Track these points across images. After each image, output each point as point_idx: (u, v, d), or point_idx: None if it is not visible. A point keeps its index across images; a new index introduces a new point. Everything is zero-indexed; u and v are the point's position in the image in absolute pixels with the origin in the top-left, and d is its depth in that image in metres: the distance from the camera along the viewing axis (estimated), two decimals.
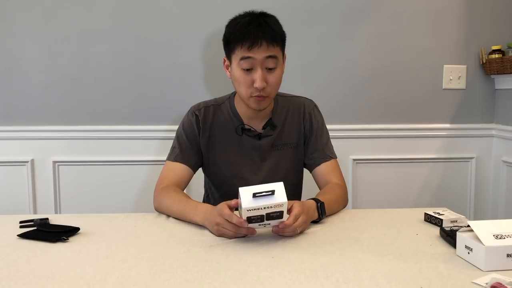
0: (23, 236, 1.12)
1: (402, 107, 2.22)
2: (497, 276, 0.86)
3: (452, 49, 2.21)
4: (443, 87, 2.23)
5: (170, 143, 1.50)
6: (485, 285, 0.84)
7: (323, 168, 1.46)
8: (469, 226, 0.97)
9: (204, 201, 1.60)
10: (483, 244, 0.90)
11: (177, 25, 2.11)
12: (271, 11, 1.37)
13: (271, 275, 0.90)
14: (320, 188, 1.45)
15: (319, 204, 1.22)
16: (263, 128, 1.44)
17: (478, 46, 2.20)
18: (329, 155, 1.48)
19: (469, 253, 0.95)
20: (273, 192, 1.04)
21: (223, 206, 1.11)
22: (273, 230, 1.13)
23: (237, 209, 1.11)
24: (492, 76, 2.21)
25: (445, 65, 2.21)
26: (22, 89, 2.11)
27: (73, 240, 1.11)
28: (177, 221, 1.26)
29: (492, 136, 2.26)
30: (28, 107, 2.12)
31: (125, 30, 2.10)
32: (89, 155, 2.15)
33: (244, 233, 1.10)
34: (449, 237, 1.06)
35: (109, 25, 2.10)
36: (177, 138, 1.47)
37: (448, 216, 1.20)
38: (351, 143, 2.20)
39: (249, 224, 1.07)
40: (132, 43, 2.11)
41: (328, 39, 2.16)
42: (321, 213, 1.22)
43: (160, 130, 2.14)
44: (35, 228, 1.17)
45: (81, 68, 2.11)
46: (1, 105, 2.12)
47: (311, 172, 1.50)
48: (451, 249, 1.03)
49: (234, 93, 1.47)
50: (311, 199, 1.25)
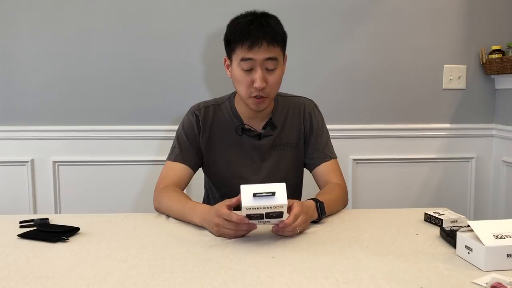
0: (23, 236, 1.12)
1: (402, 107, 2.22)
2: (497, 276, 0.86)
3: (452, 49, 2.21)
4: (443, 87, 2.23)
5: (170, 143, 1.50)
6: (485, 285, 0.84)
7: (323, 168, 1.46)
8: (469, 226, 0.97)
9: (204, 201, 1.60)
10: (483, 244, 0.90)
11: (177, 25, 2.11)
12: (271, 11, 1.37)
13: (271, 275, 0.90)
14: (320, 188, 1.45)
15: (318, 204, 1.22)
16: (263, 128, 1.44)
17: (478, 46, 2.20)
18: (329, 155, 1.48)
19: (469, 253, 0.95)
20: (274, 193, 1.04)
21: (220, 206, 1.11)
22: (272, 230, 1.13)
23: (238, 207, 1.11)
24: (492, 76, 2.21)
25: (445, 65, 2.21)
26: (22, 89, 2.11)
27: (73, 240, 1.11)
28: (177, 221, 1.26)
29: (492, 136, 2.26)
30: (28, 107, 2.12)
31: (125, 30, 2.10)
32: (89, 155, 2.15)
33: (245, 229, 1.10)
34: (449, 237, 1.06)
35: (109, 25, 2.10)
36: (177, 138, 1.47)
37: (448, 216, 1.20)
38: (351, 143, 2.20)
39: (249, 221, 1.07)
40: (132, 43, 2.11)
41: (328, 39, 2.16)
42: (321, 213, 1.22)
43: (160, 130, 2.14)
44: (35, 228, 1.17)
45: (81, 68, 2.11)
46: (1, 105, 2.12)
47: (311, 172, 1.50)
48: (451, 249, 1.03)
49: (234, 93, 1.47)
50: (311, 199, 1.25)
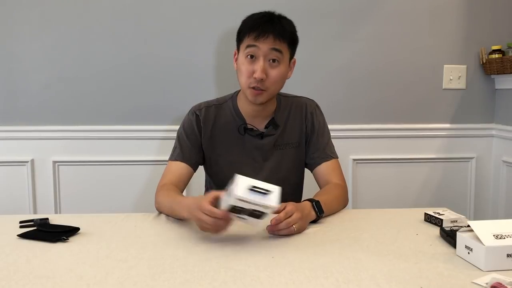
0: (23, 236, 1.12)
1: (402, 107, 2.22)
2: (497, 276, 0.86)
3: (452, 49, 2.21)
4: (443, 87, 2.23)
5: (170, 143, 1.50)
6: (485, 285, 0.84)
7: (324, 168, 1.46)
8: (469, 226, 0.97)
9: None
10: (483, 244, 0.91)
11: (177, 25, 2.11)
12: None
13: (271, 275, 0.90)
14: (320, 188, 1.45)
15: (314, 203, 1.23)
16: (266, 127, 1.44)
17: (478, 46, 2.20)
18: (330, 154, 1.48)
19: (469, 253, 0.95)
20: (268, 192, 1.03)
21: (204, 201, 1.07)
22: (268, 230, 1.12)
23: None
24: (492, 76, 2.21)
25: (445, 65, 2.21)
26: (22, 89, 2.11)
27: (73, 240, 1.11)
28: (177, 221, 1.26)
29: (492, 136, 2.26)
30: (28, 107, 2.12)
31: (125, 30, 2.10)
32: (89, 155, 2.15)
33: (225, 225, 1.07)
34: (449, 237, 1.06)
35: (109, 25, 2.10)
36: (178, 138, 1.47)
37: (448, 216, 1.20)
38: (351, 143, 2.20)
39: (230, 214, 1.04)
40: (132, 42, 2.11)
41: (328, 39, 2.16)
42: (318, 211, 1.22)
43: (160, 130, 2.14)
44: (35, 228, 1.17)
45: (81, 68, 2.11)
46: (1, 105, 2.12)
47: (311, 172, 1.50)
48: (451, 249, 1.03)
49: (237, 93, 1.47)
50: (306, 200, 1.26)
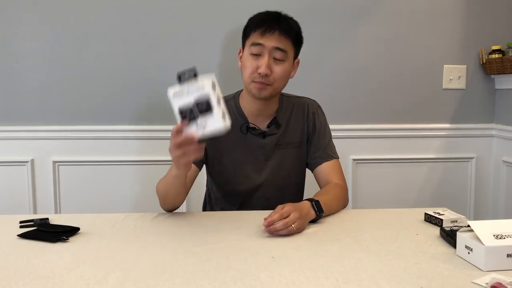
0: (23, 236, 1.12)
1: (402, 107, 2.22)
2: (497, 276, 0.86)
3: (452, 49, 2.21)
4: (443, 87, 2.23)
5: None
6: (485, 285, 0.84)
7: (324, 168, 1.46)
8: (469, 226, 0.97)
9: (205, 200, 1.61)
10: (483, 244, 0.91)
11: (178, 25, 2.10)
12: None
13: (271, 275, 0.90)
14: (320, 187, 1.45)
15: (313, 202, 1.23)
16: (268, 126, 1.44)
17: (478, 46, 2.20)
18: (331, 154, 1.48)
19: (469, 253, 0.95)
20: (196, 75, 1.02)
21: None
22: (267, 230, 1.12)
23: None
24: (492, 76, 2.21)
25: (445, 65, 2.21)
26: (22, 89, 2.11)
27: (73, 240, 1.11)
28: (177, 221, 1.26)
29: (492, 136, 2.26)
30: (28, 107, 2.12)
31: (125, 30, 2.10)
32: (89, 155, 2.15)
33: (183, 140, 1.06)
34: (449, 237, 1.06)
35: (109, 25, 2.09)
36: None
37: (448, 216, 1.20)
38: (352, 143, 2.20)
39: (185, 126, 1.04)
40: (132, 42, 2.11)
41: (328, 40, 2.16)
42: (318, 210, 1.22)
43: (160, 130, 2.13)
44: (35, 228, 1.17)
45: (81, 68, 2.11)
46: (1, 105, 2.12)
47: (312, 172, 1.50)
48: (451, 249, 1.03)
49: (239, 92, 1.47)
50: (305, 199, 1.25)
